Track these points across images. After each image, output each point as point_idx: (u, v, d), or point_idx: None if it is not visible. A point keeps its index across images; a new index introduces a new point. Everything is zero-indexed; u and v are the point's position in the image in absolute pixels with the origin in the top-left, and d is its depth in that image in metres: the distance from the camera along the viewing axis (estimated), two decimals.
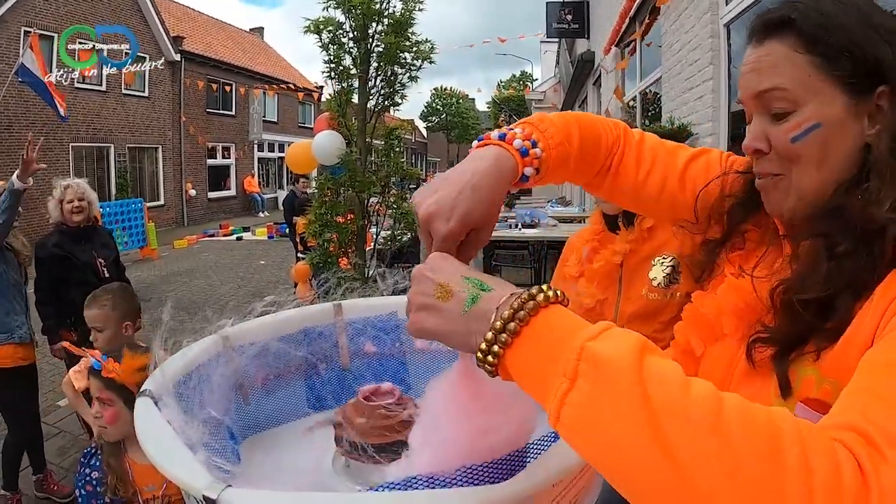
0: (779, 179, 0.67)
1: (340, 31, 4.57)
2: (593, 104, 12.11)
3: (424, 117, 51.01)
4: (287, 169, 21.50)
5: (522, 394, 0.51)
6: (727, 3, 3.95)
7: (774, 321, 0.65)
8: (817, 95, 0.63)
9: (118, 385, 1.52)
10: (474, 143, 0.70)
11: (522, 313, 0.49)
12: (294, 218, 7.33)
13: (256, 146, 21.84)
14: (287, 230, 8.83)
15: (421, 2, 4.62)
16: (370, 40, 4.55)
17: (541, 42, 23.97)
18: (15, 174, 2.77)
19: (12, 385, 2.87)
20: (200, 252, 12.14)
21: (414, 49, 4.64)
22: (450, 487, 0.59)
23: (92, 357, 1.58)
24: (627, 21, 7.31)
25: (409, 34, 4.61)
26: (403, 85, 4.76)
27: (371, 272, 4.55)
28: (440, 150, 53.58)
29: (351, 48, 4.62)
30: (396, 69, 4.69)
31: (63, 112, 9.41)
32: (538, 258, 6.63)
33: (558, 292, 0.51)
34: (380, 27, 4.54)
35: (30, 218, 9.58)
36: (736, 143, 3.79)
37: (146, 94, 16.21)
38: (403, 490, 0.59)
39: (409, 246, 7.45)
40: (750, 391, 0.66)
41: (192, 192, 18.02)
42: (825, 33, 0.63)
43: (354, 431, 0.78)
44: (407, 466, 0.62)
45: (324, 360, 1.20)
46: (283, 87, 18.23)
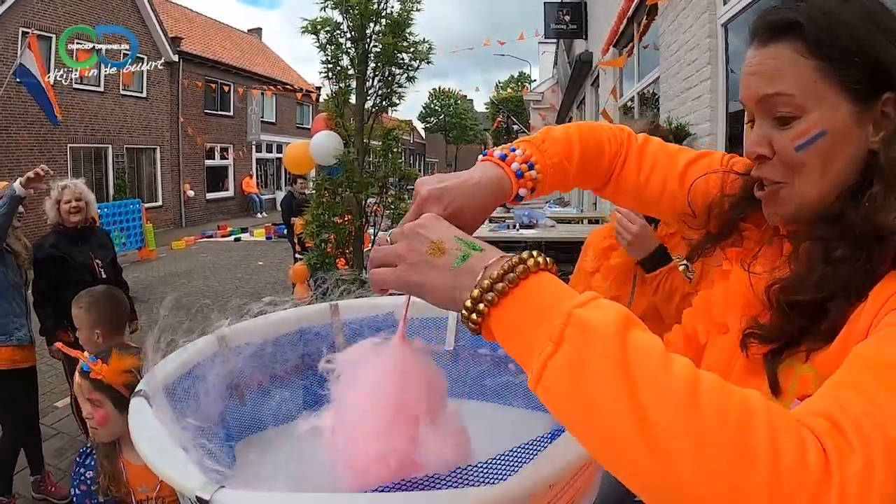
0: (779, 187, 0.66)
1: (338, 32, 4.57)
2: (591, 105, 12.11)
3: (423, 118, 51.01)
4: (285, 170, 21.51)
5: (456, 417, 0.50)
6: (725, 3, 3.95)
7: (769, 319, 0.65)
8: (823, 102, 0.62)
9: (106, 386, 1.51)
10: (480, 157, 0.75)
11: (512, 275, 0.50)
12: (292, 219, 7.31)
13: (254, 147, 21.82)
14: (285, 231, 8.81)
15: (419, 2, 4.63)
16: (368, 41, 4.55)
17: (539, 43, 23.99)
18: (18, 180, 2.74)
19: (8, 387, 2.86)
20: (198, 253, 12.12)
21: (412, 49, 4.64)
22: (445, 488, 0.59)
23: (81, 359, 1.57)
24: (625, 21, 7.32)
25: (407, 34, 4.62)
26: (401, 85, 4.77)
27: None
28: (438, 151, 53.59)
29: (348, 48, 4.62)
30: (394, 70, 4.70)
31: (58, 116, 9.39)
32: None
33: (548, 259, 0.52)
34: (377, 27, 4.54)
35: (28, 219, 9.55)
36: (734, 144, 3.81)
37: (144, 95, 16.19)
38: (397, 491, 0.59)
39: None
40: (747, 387, 0.66)
41: (191, 193, 17.99)
42: (831, 37, 0.61)
43: None
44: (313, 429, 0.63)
45: (320, 361, 1.19)
46: (281, 88, 18.22)
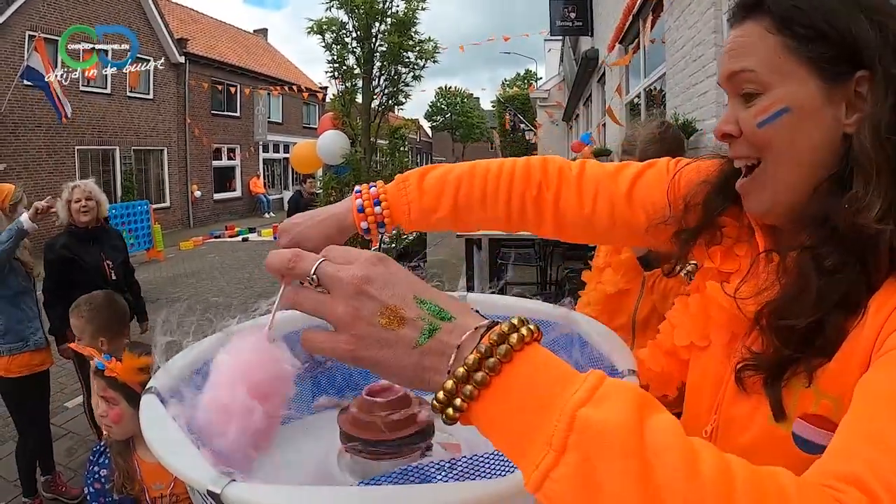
0: (756, 173, 0.64)
1: (343, 31, 4.59)
2: (597, 102, 12.08)
3: (429, 116, 51.01)
4: (292, 170, 21.58)
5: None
6: None
7: (761, 345, 0.61)
8: (787, 78, 0.59)
9: (121, 384, 1.53)
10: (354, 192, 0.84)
11: (493, 360, 0.40)
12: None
13: (261, 147, 21.91)
14: None
15: (424, 1, 4.63)
16: (373, 40, 4.57)
17: (545, 40, 23.98)
18: (25, 214, 2.82)
19: (27, 393, 2.90)
20: (206, 253, 12.19)
21: (417, 48, 4.66)
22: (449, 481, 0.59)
23: (96, 357, 1.59)
24: (631, 18, 7.29)
25: (413, 33, 4.63)
26: (407, 84, 4.78)
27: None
28: (445, 150, 53.59)
29: (354, 48, 4.64)
30: (400, 68, 4.71)
31: (68, 114, 9.45)
32: (544, 256, 6.61)
33: (532, 327, 0.42)
34: (383, 27, 4.56)
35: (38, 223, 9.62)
36: None
37: (151, 97, 16.29)
38: (401, 483, 0.59)
39: (415, 245, 7.47)
40: (742, 411, 0.64)
41: (198, 194, 18.09)
42: (799, 13, 0.59)
43: (353, 426, 0.79)
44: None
45: (330, 358, 1.20)
46: (287, 89, 18.28)
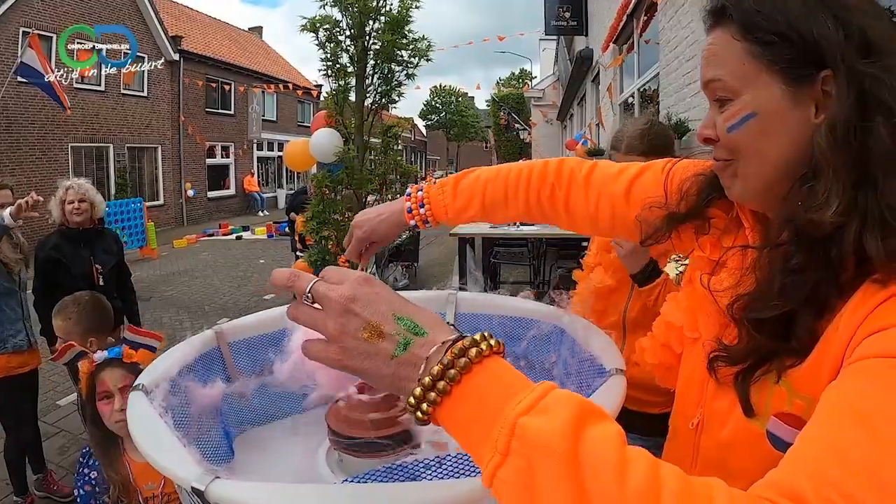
0: (727, 164, 0.66)
1: (337, 29, 4.58)
2: (592, 101, 12.09)
3: (423, 115, 50.90)
4: (286, 168, 21.50)
5: None
6: None
7: (733, 336, 0.62)
8: (753, 83, 0.61)
9: (139, 370, 1.50)
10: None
11: (453, 372, 0.46)
12: (292, 214, 7.26)
13: (255, 145, 21.82)
14: (287, 228, 8.79)
15: None
16: (367, 38, 4.56)
17: (539, 40, 23.96)
18: (8, 210, 2.65)
19: (8, 395, 2.85)
20: (200, 251, 12.13)
21: (411, 47, 4.65)
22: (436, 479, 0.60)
23: (100, 351, 1.57)
24: (625, 18, 7.31)
25: (406, 32, 4.62)
26: (400, 83, 4.78)
27: (370, 270, 4.57)
28: (440, 149, 53.54)
29: (348, 46, 4.63)
30: (393, 67, 4.71)
31: (66, 105, 9.45)
32: (537, 255, 6.63)
33: (492, 342, 0.48)
34: (376, 25, 4.55)
35: (30, 221, 9.56)
36: None
37: (145, 94, 16.19)
38: (387, 481, 0.60)
39: (408, 244, 7.46)
40: (722, 406, 0.66)
41: (191, 192, 18.00)
42: (760, 17, 0.60)
43: (340, 423, 0.79)
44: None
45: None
46: (282, 86, 18.22)
